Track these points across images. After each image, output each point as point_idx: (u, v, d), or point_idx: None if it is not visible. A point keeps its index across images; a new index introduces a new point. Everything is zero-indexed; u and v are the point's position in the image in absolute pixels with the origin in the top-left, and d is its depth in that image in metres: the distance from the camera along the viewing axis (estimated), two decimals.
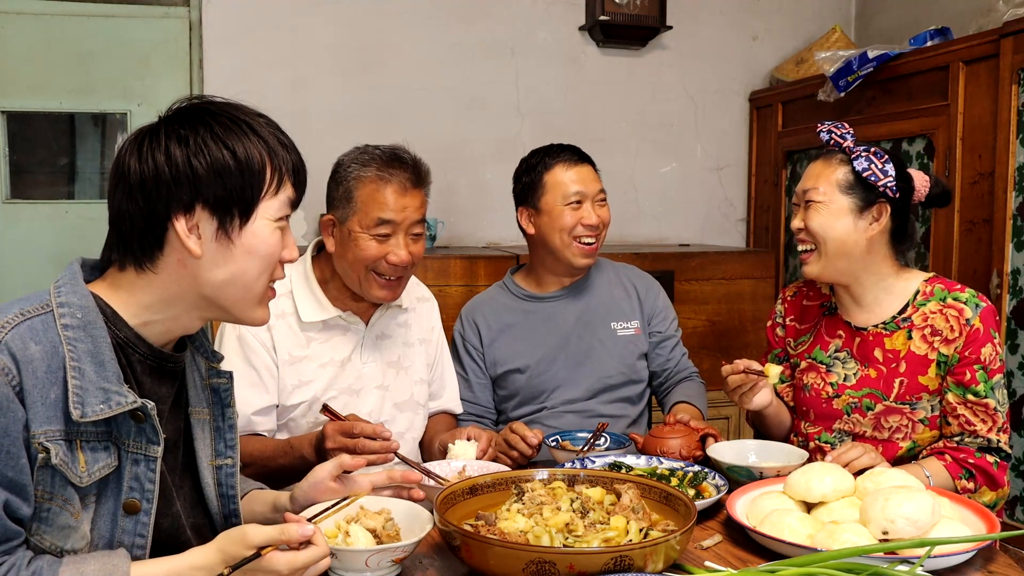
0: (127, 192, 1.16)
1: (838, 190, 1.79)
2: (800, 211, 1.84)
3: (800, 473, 1.51)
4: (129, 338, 1.18)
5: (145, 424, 1.15)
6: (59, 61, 3.17)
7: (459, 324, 2.27)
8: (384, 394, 1.96)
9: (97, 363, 1.11)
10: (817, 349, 1.92)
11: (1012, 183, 2.52)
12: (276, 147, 1.20)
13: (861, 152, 1.79)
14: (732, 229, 3.91)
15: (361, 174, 1.83)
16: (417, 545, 1.27)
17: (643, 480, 1.46)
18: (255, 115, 1.21)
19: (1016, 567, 1.33)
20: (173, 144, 1.15)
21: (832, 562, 1.21)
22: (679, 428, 1.84)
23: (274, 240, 1.21)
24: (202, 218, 1.16)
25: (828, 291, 1.95)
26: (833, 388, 1.87)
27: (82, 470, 1.11)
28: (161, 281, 1.18)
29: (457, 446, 1.79)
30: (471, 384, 2.21)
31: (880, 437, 1.81)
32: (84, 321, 1.13)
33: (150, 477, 1.16)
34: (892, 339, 1.81)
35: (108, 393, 1.11)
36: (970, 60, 2.67)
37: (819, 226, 1.79)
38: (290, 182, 1.23)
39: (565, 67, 3.62)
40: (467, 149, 3.52)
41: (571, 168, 2.15)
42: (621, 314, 2.23)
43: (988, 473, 1.73)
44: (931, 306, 1.79)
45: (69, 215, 3.25)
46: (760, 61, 3.87)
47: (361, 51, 3.37)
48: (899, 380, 1.79)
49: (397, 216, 1.81)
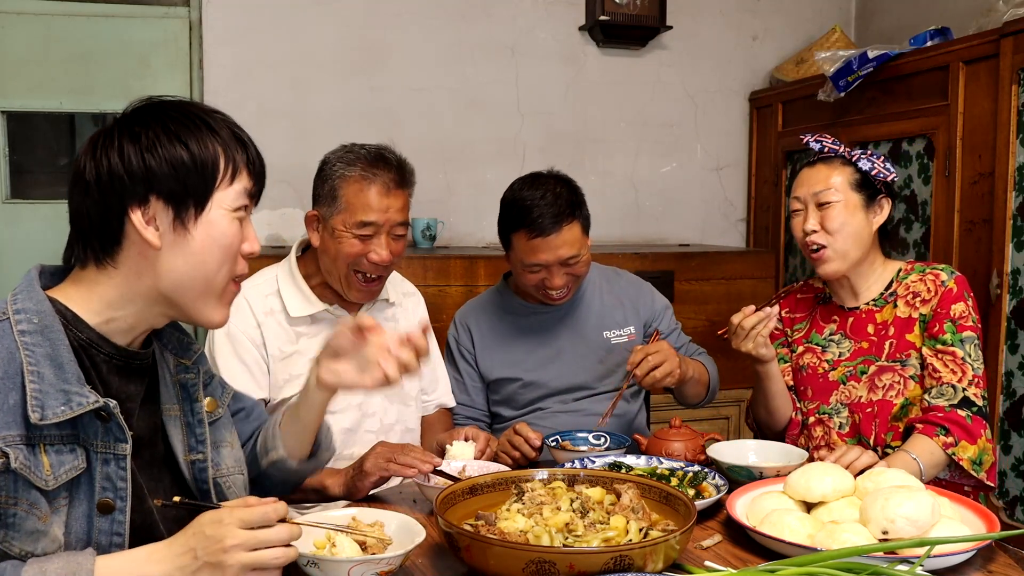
0: (84, 190, 1.18)
1: (851, 188, 1.92)
2: (806, 214, 1.94)
3: (800, 473, 1.51)
4: (91, 339, 1.18)
5: (111, 423, 1.14)
6: (59, 61, 3.17)
7: (453, 328, 2.27)
8: None
9: (56, 365, 1.11)
10: (813, 333, 2.04)
11: (1012, 183, 2.52)
12: (230, 140, 1.22)
13: (859, 154, 1.94)
14: (732, 229, 3.91)
15: (346, 173, 1.86)
16: (404, 558, 1.24)
17: (643, 480, 1.46)
18: (210, 111, 1.23)
19: (1016, 567, 1.33)
20: (126, 142, 1.17)
21: (832, 562, 1.21)
22: (683, 431, 1.85)
23: (232, 230, 1.22)
24: (158, 209, 1.17)
25: (821, 284, 2.07)
26: (829, 364, 1.99)
27: (47, 473, 1.10)
28: (122, 275, 1.19)
29: (455, 447, 1.79)
30: (466, 387, 2.22)
31: (875, 398, 1.90)
32: (41, 325, 1.13)
33: (121, 475, 1.16)
34: (882, 313, 1.95)
35: (68, 394, 1.11)
36: (970, 60, 2.67)
37: (841, 223, 1.90)
38: (246, 173, 1.23)
39: (565, 67, 3.62)
40: (467, 149, 3.52)
41: (534, 240, 2.00)
42: (613, 323, 2.22)
43: (962, 425, 1.78)
44: (912, 277, 1.96)
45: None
46: (760, 61, 3.87)
47: (361, 51, 3.37)
48: (889, 342, 1.93)
49: (380, 217, 1.84)
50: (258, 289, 1.94)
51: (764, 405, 2.02)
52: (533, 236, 2.00)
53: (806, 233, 1.93)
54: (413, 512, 1.48)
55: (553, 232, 1.99)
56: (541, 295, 2.12)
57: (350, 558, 1.21)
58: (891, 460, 1.72)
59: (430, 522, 1.48)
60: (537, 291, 2.11)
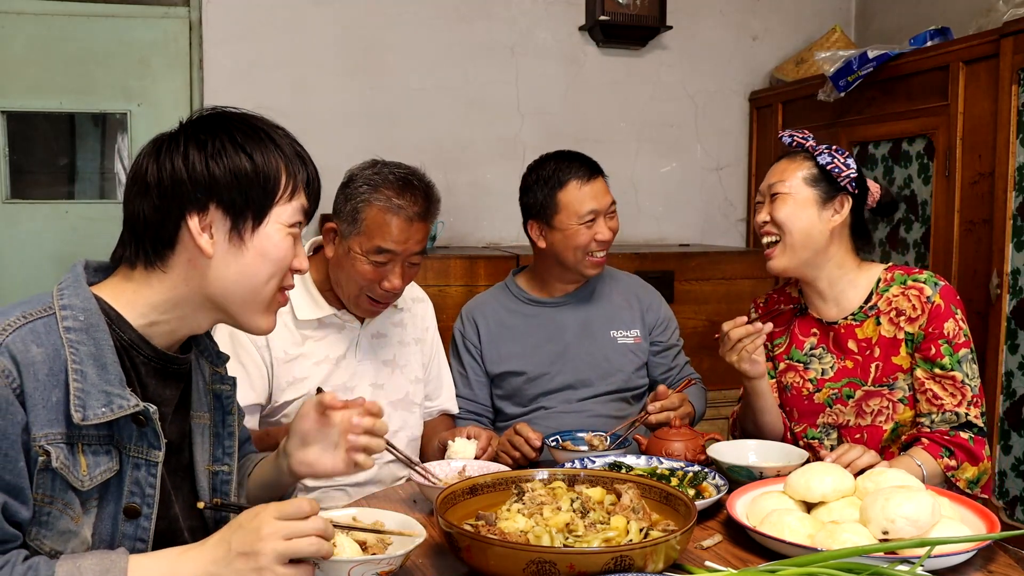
0: (143, 192, 1.17)
1: (804, 183, 1.86)
2: (765, 205, 1.91)
3: (800, 473, 1.51)
4: (133, 340, 1.18)
5: (147, 428, 1.15)
6: (59, 61, 3.17)
7: (459, 322, 2.27)
8: (378, 391, 1.97)
9: (99, 366, 1.11)
10: (793, 349, 1.96)
11: (1012, 183, 2.52)
12: (293, 157, 1.23)
13: (824, 149, 1.88)
14: (732, 229, 3.91)
15: (371, 198, 1.80)
16: (404, 558, 1.24)
17: (643, 480, 1.46)
18: (274, 127, 1.24)
19: (1016, 567, 1.32)
20: (192, 148, 1.17)
21: (832, 562, 1.21)
22: (683, 431, 1.84)
23: (285, 245, 1.22)
24: (215, 218, 1.17)
25: (797, 294, 2.00)
26: (813, 384, 1.91)
27: (83, 474, 1.10)
28: (170, 280, 1.19)
29: (456, 444, 1.78)
30: (470, 382, 2.22)
31: (863, 423, 1.85)
32: (87, 324, 1.13)
33: (151, 482, 1.16)
34: (863, 328, 1.87)
35: (110, 396, 1.11)
36: (970, 60, 2.67)
37: (785, 216, 1.85)
38: (304, 191, 1.24)
39: (565, 67, 3.62)
40: (467, 149, 3.52)
41: (585, 185, 2.12)
42: (621, 323, 2.23)
43: (966, 448, 1.75)
44: (893, 290, 1.85)
45: (69, 215, 3.25)
46: (760, 61, 3.87)
47: (361, 51, 3.37)
48: (875, 364, 1.84)
49: (398, 247, 1.80)
50: None
51: (752, 420, 1.97)
52: (583, 183, 2.12)
53: (760, 225, 1.91)
54: (413, 512, 1.48)
55: (595, 177, 2.15)
56: (585, 261, 2.13)
57: (350, 558, 1.21)
58: (895, 462, 1.71)
59: (430, 522, 1.48)
60: (583, 255, 2.12)
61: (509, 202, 2.29)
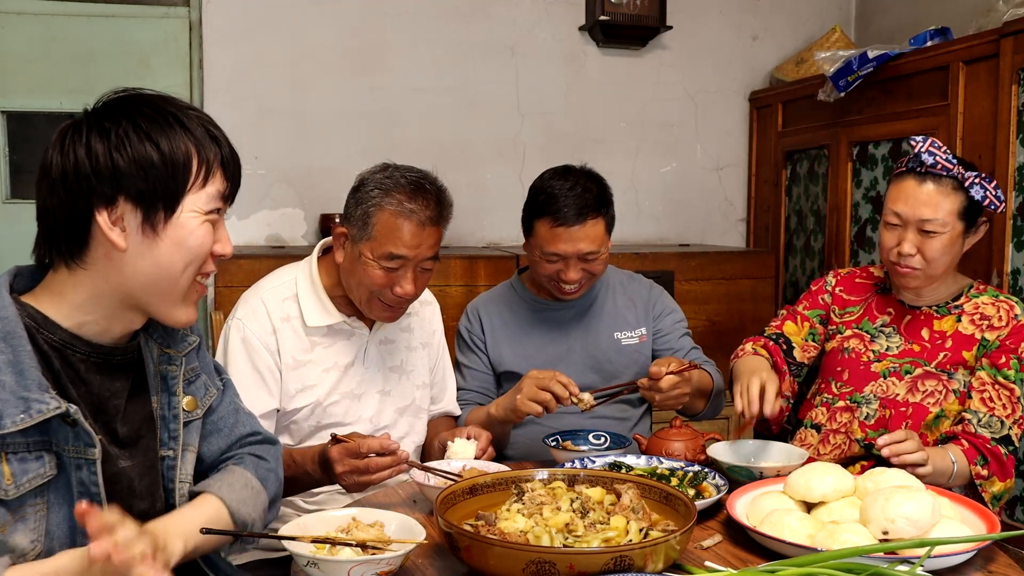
0: (50, 186, 1.14)
1: (958, 217, 1.83)
2: (904, 232, 1.85)
3: (800, 473, 1.51)
4: (65, 339, 1.16)
5: (79, 428, 1.12)
6: (59, 61, 3.17)
7: (464, 319, 2.26)
8: (385, 399, 1.96)
9: (17, 372, 1.09)
10: (865, 320, 2.00)
11: (1012, 183, 2.52)
12: (204, 139, 1.17)
13: (973, 179, 1.83)
14: (732, 229, 3.91)
15: (382, 203, 1.76)
16: (404, 558, 1.24)
17: (643, 480, 1.46)
18: (185, 107, 1.19)
19: (1016, 567, 1.33)
20: (94, 137, 1.13)
21: (832, 562, 1.21)
22: (683, 431, 1.85)
23: (202, 233, 1.18)
24: (126, 211, 1.14)
25: (882, 275, 2.03)
26: (874, 355, 1.95)
27: (7, 483, 1.07)
28: (90, 277, 1.16)
29: (456, 444, 1.78)
30: (476, 375, 2.20)
31: (912, 399, 1.88)
32: (3, 332, 1.10)
33: (93, 480, 1.13)
34: (942, 322, 1.91)
35: (28, 401, 1.08)
36: (970, 60, 2.66)
37: (940, 253, 1.83)
38: (221, 175, 1.19)
39: (565, 67, 3.62)
40: (467, 149, 3.52)
41: (558, 227, 2.00)
42: (626, 324, 2.22)
43: (1000, 461, 1.77)
44: (984, 299, 1.91)
45: None
46: (760, 61, 3.87)
47: (361, 51, 3.37)
48: (943, 353, 1.89)
49: (410, 252, 1.77)
50: (276, 292, 1.88)
51: None
52: (556, 225, 2.01)
53: (901, 254, 1.85)
54: (413, 512, 1.48)
55: (576, 224, 2.00)
56: (553, 288, 2.11)
57: (350, 558, 1.21)
58: (932, 450, 1.71)
59: (430, 522, 1.48)
60: (550, 283, 2.10)
61: (509, 202, 2.29)
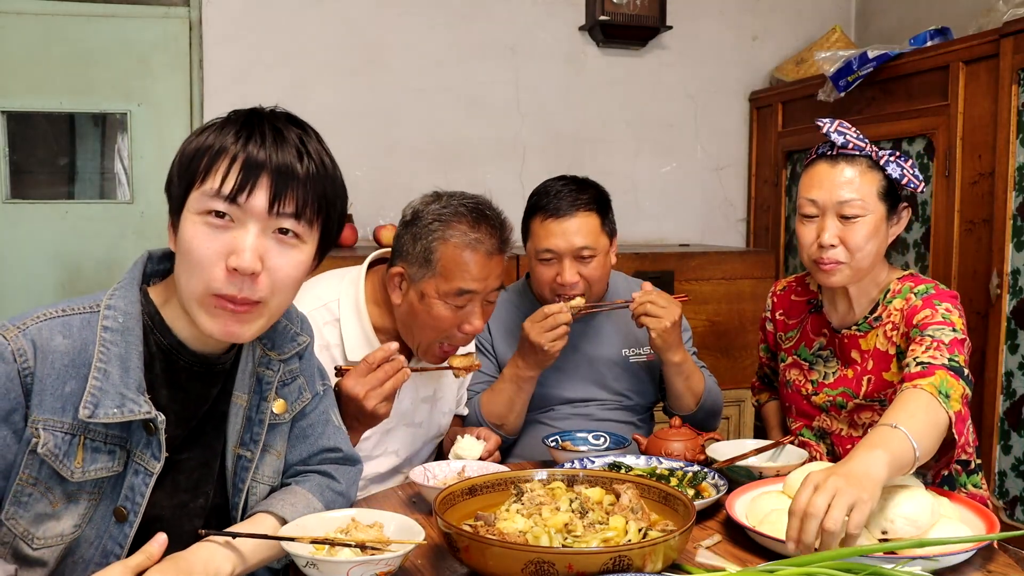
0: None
1: (878, 199, 1.68)
2: (823, 222, 1.69)
3: (799, 473, 1.51)
4: (173, 345, 1.19)
5: (153, 438, 1.15)
6: (59, 61, 3.17)
7: None
8: (415, 431, 1.90)
9: (123, 368, 1.12)
10: (802, 347, 1.91)
11: (1012, 183, 2.52)
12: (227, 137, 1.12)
13: (887, 156, 1.69)
14: (732, 229, 3.91)
15: (445, 235, 1.66)
16: (404, 558, 1.24)
17: (642, 480, 1.46)
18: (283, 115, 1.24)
19: (1016, 567, 1.32)
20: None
21: (831, 562, 1.21)
22: (683, 431, 1.84)
23: (198, 238, 1.10)
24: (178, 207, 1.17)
25: (816, 288, 1.91)
26: (813, 386, 1.87)
27: (76, 466, 1.11)
28: None
29: (465, 440, 1.78)
30: (484, 377, 2.18)
31: (855, 434, 1.81)
32: (123, 326, 1.14)
33: (142, 491, 1.16)
34: (867, 339, 1.78)
35: (124, 399, 1.11)
36: (970, 60, 2.66)
37: (864, 240, 1.66)
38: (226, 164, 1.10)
39: (565, 67, 3.62)
40: (467, 149, 3.52)
41: (550, 220, 1.96)
42: (635, 341, 2.18)
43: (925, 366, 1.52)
44: (896, 302, 1.73)
45: (69, 215, 3.25)
46: (760, 61, 3.86)
47: (361, 51, 3.37)
48: (867, 378, 1.77)
49: (479, 286, 1.67)
50: (317, 315, 1.73)
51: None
52: (547, 217, 1.98)
53: (822, 246, 1.68)
54: (413, 512, 1.48)
55: (567, 215, 1.96)
56: (554, 298, 2.02)
57: (349, 559, 1.20)
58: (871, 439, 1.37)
59: (429, 522, 1.48)
60: (551, 292, 2.03)
61: (509, 202, 2.27)
